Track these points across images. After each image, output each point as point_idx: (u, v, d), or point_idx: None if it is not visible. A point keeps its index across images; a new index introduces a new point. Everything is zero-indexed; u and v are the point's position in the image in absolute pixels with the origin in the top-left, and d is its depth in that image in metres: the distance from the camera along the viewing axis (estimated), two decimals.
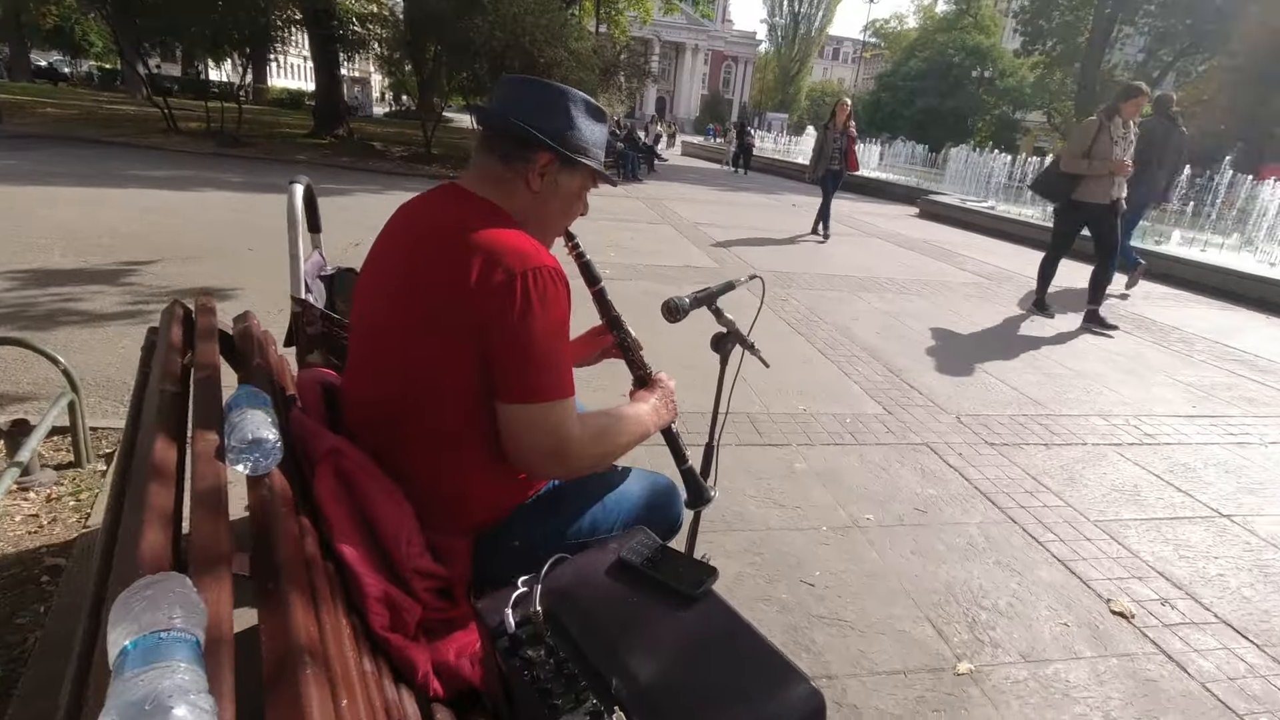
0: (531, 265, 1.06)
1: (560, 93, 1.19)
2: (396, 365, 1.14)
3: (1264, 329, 6.06)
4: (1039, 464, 3.10)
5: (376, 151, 15.41)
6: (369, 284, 1.24)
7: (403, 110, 35.94)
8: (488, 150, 1.18)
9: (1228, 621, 2.17)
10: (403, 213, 1.26)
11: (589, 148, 1.22)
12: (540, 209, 1.21)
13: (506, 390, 1.09)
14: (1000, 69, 37.96)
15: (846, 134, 8.79)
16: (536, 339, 1.06)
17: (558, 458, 1.14)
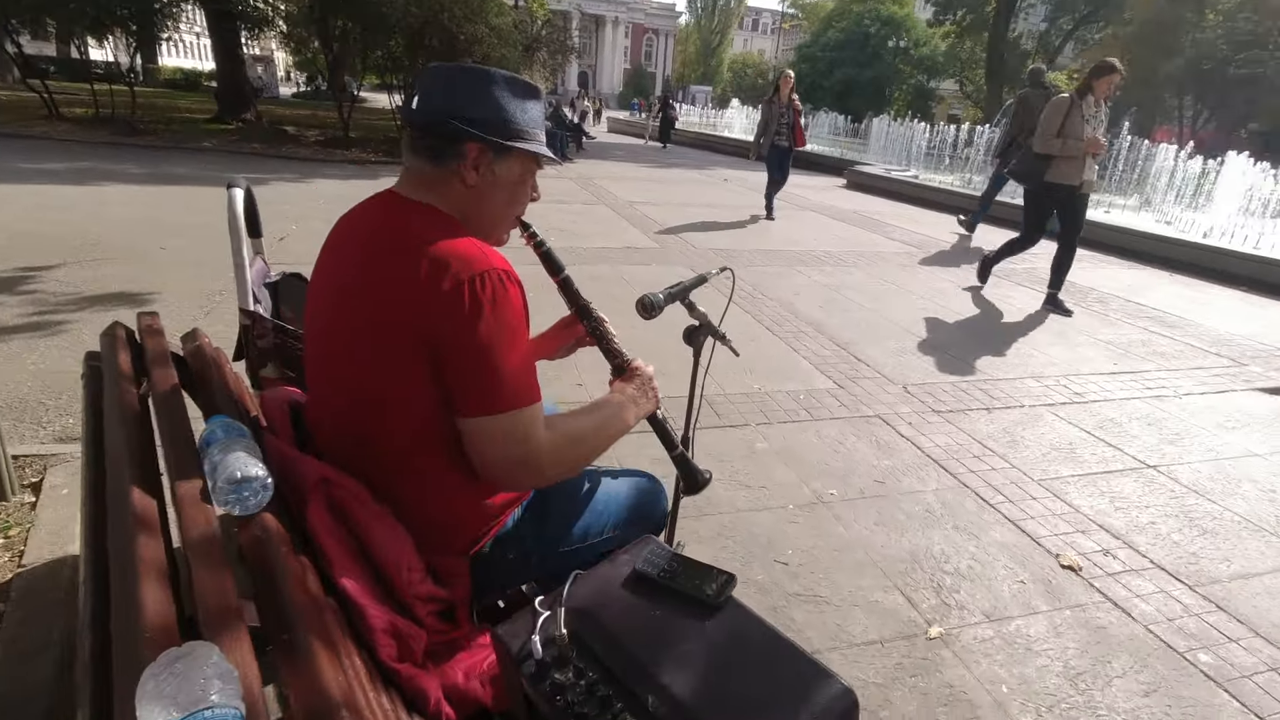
0: (478, 270, 1.00)
1: (480, 75, 1.11)
2: (355, 389, 1.09)
3: (1168, 286, 6.51)
4: (983, 429, 3.25)
5: (290, 136, 14.61)
6: (317, 305, 1.17)
7: (313, 91, 34.17)
8: (415, 151, 1.12)
9: (1162, 566, 2.35)
10: (342, 226, 1.19)
11: (523, 129, 1.13)
12: (482, 204, 1.14)
13: (465, 404, 1.04)
14: (914, 39, 38.99)
15: (792, 107, 8.28)
16: (491, 347, 1.01)
17: (528, 468, 1.09)
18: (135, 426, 1.05)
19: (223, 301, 4.28)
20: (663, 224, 7.83)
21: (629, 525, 1.46)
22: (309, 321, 1.20)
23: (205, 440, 0.99)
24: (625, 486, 1.48)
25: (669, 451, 1.54)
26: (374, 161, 12.03)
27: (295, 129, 15.89)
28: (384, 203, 1.14)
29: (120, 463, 0.96)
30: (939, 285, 5.88)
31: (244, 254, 1.70)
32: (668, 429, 1.49)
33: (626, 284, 5.24)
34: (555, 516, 1.34)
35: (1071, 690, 1.82)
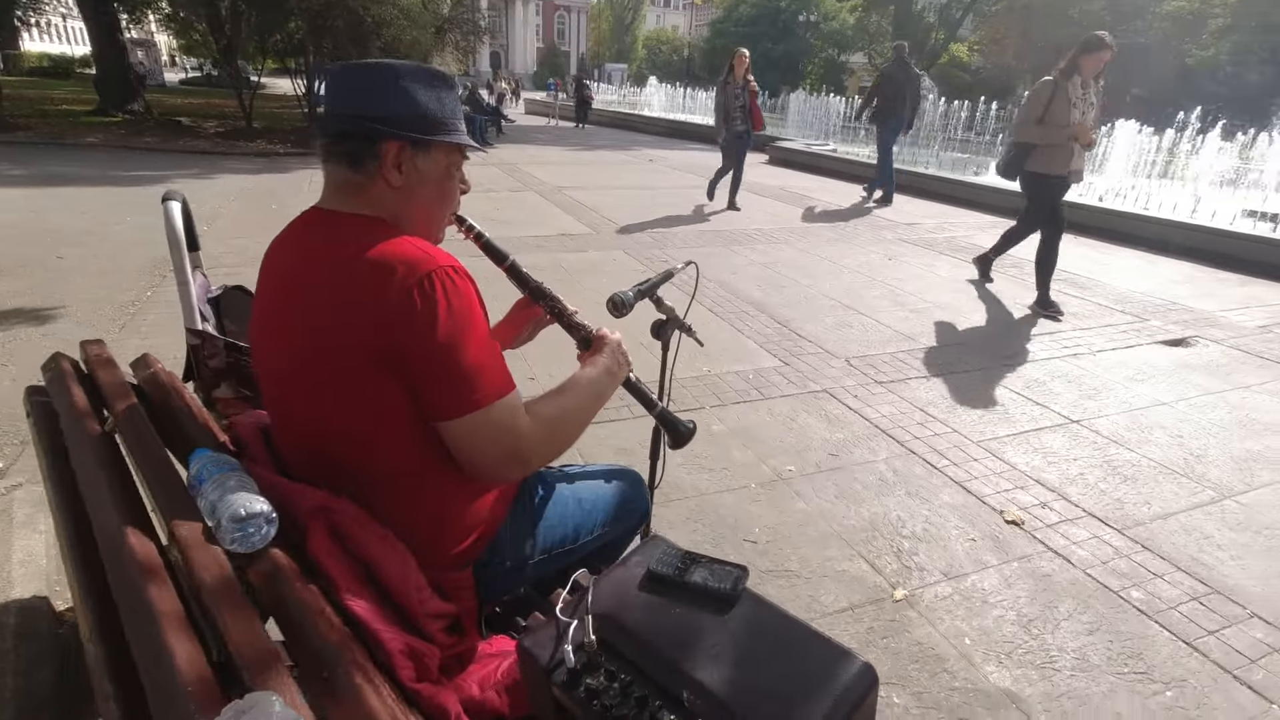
0: (424, 271, 0.98)
1: (386, 70, 1.06)
2: (321, 423, 1.06)
3: (1074, 248, 6.93)
4: (922, 396, 3.42)
5: (186, 128, 13.71)
6: (263, 335, 1.14)
7: (204, 78, 32.05)
8: (332, 159, 1.08)
9: (1093, 514, 2.55)
10: (274, 251, 1.15)
11: (440, 120, 1.09)
12: (412, 204, 1.10)
13: (440, 408, 1.02)
14: (823, 13, 39.80)
15: (747, 89, 7.58)
16: (455, 345, 0.99)
17: (519, 458, 1.10)
18: (113, 468, 0.99)
19: (139, 312, 4.03)
20: (594, 208, 7.79)
21: (615, 521, 1.48)
22: (257, 352, 1.17)
23: (196, 478, 0.95)
24: (609, 483, 1.50)
25: (650, 410, 1.54)
26: (283, 153, 11.43)
27: (191, 120, 14.92)
28: (312, 220, 1.11)
29: (105, 508, 0.91)
30: (866, 258, 6.09)
31: (187, 270, 1.61)
32: (643, 389, 1.48)
33: (565, 271, 5.21)
34: (548, 519, 1.35)
35: (1026, 636, 1.97)
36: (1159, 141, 10.65)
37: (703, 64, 47.56)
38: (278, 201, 7.33)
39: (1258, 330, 4.63)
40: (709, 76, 40.93)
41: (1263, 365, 4.01)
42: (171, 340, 3.57)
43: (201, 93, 24.31)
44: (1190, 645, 1.96)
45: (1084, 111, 4.42)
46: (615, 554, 1.56)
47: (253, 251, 5.25)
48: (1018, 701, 1.76)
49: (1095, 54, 4.37)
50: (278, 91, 20.50)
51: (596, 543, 1.44)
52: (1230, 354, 4.18)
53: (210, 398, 1.69)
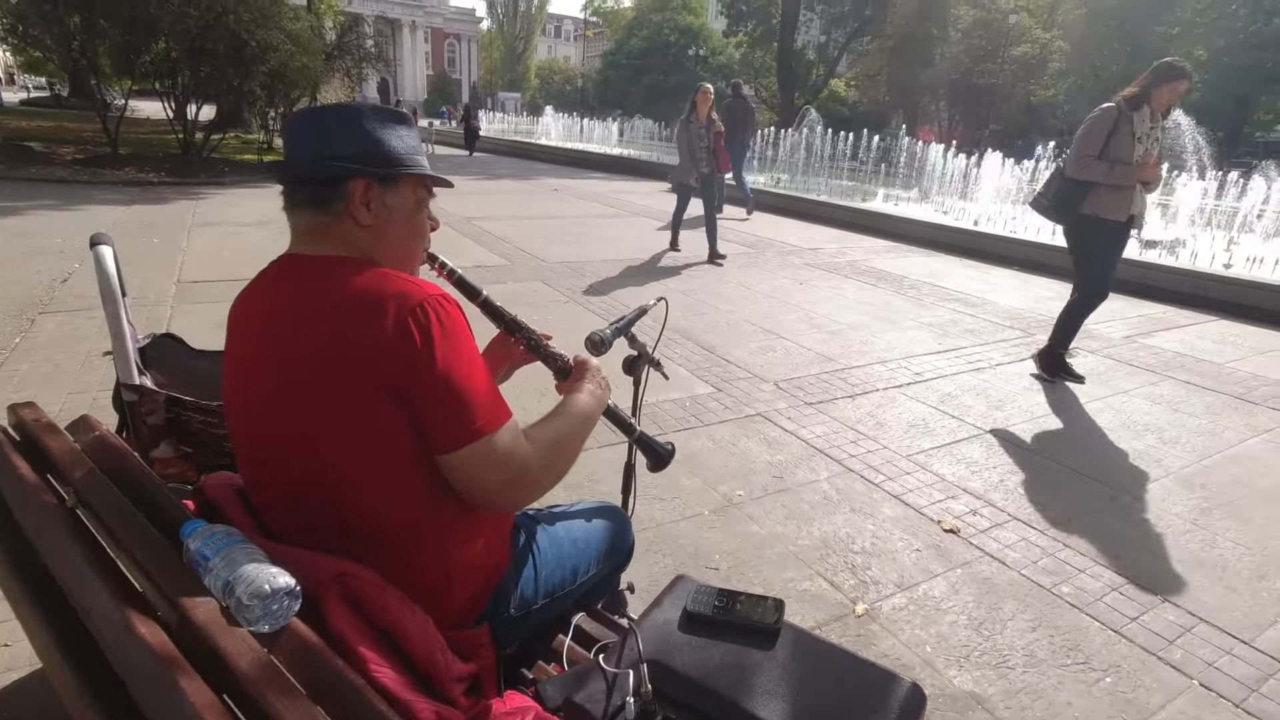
0: (415, 301, 0.97)
1: (346, 111, 1.09)
2: (319, 467, 1.01)
3: (960, 269, 7.55)
4: (850, 415, 3.59)
5: (38, 154, 12.49)
6: (242, 394, 1.08)
7: (53, 98, 29.38)
8: (298, 205, 1.07)
9: (1018, 517, 2.75)
10: (248, 302, 1.11)
11: (403, 157, 1.10)
12: (384, 241, 1.09)
13: (443, 440, 1.00)
14: (711, 47, 41.59)
15: (712, 129, 7.08)
16: (454, 374, 0.99)
17: (524, 484, 1.09)
18: (91, 549, 0.88)
19: (6, 362, 3.60)
20: (505, 238, 7.71)
21: (607, 558, 1.48)
22: (234, 411, 1.10)
23: (199, 554, 0.86)
24: (598, 521, 1.49)
25: (628, 435, 1.56)
26: (157, 182, 10.60)
27: (42, 145, 13.59)
28: (287, 268, 1.08)
29: (93, 593, 0.81)
30: (778, 283, 6.35)
31: (123, 320, 1.46)
32: (620, 414, 1.50)
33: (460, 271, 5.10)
34: (547, 561, 1.32)
35: (978, 638, 2.09)
36: (1023, 171, 11.77)
37: (596, 95, 48.47)
38: (160, 235, 6.79)
39: (1124, 340, 5.19)
40: (602, 107, 41.77)
41: (1133, 372, 4.49)
42: (54, 398, 3.21)
43: (52, 115, 22.18)
44: (1118, 633, 2.14)
45: (1148, 148, 3.80)
46: (603, 592, 1.54)
47: (134, 294, 4.82)
48: (982, 702, 1.86)
49: (1171, 83, 3.75)
50: (145, 115, 19.02)
51: (590, 582, 1.42)
52: (1106, 363, 4.65)
53: (149, 458, 1.53)
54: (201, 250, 6.27)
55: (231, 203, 9.21)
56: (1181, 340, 5.32)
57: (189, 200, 9.19)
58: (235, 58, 11.13)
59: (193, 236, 6.89)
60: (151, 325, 4.24)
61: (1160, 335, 5.42)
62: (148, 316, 4.41)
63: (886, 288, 6.42)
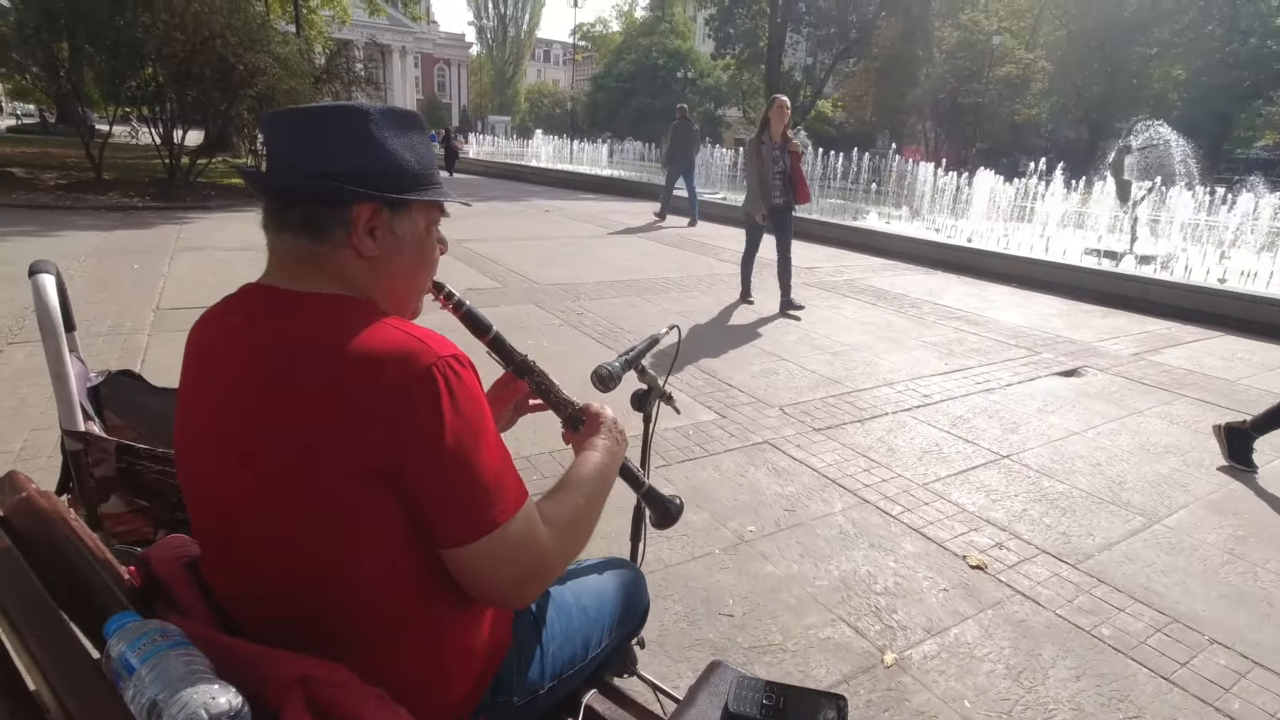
0: (423, 364, 0.79)
1: (352, 114, 0.87)
2: (290, 554, 0.83)
3: (958, 287, 7.45)
4: (860, 440, 3.43)
5: (20, 180, 12.26)
6: (198, 450, 0.89)
7: (40, 124, 29.19)
8: (283, 227, 0.87)
9: (1046, 550, 2.58)
10: (204, 337, 0.93)
11: (419, 172, 0.91)
12: (386, 275, 0.91)
13: (449, 533, 0.83)
14: (699, 70, 42.00)
15: (788, 150, 5.64)
16: (465, 454, 0.81)
17: (536, 577, 0.92)
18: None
19: None
20: (497, 260, 7.56)
21: (621, 625, 1.29)
22: (189, 469, 0.92)
23: (121, 662, 0.68)
24: (609, 582, 1.31)
25: (637, 490, 1.38)
26: (141, 207, 10.43)
27: (25, 171, 13.37)
28: (260, 303, 0.88)
29: None
30: (775, 304, 6.21)
31: (64, 359, 1.29)
32: (631, 468, 1.32)
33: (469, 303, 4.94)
34: (555, 636, 1.14)
35: (1020, 690, 1.91)
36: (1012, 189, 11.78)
37: (585, 117, 48.79)
38: (141, 261, 6.60)
39: (1132, 358, 5.07)
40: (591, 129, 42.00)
41: (1146, 390, 4.36)
42: (16, 434, 3.02)
43: (37, 141, 21.99)
44: (1168, 680, 1.97)
45: None
46: (614, 660, 1.36)
47: (111, 321, 4.63)
48: None
49: None
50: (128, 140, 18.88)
51: (603, 654, 1.24)
52: (1117, 381, 4.52)
53: (96, 514, 1.35)
54: (183, 276, 6.08)
55: (217, 227, 9.04)
56: (1189, 357, 5.21)
57: (173, 225, 9.00)
58: (222, 82, 11.01)
59: (175, 262, 6.70)
60: (128, 355, 4.04)
61: (1167, 352, 5.31)
62: (123, 346, 4.21)
63: (886, 306, 6.30)
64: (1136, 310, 6.62)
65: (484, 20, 64.93)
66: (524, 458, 2.99)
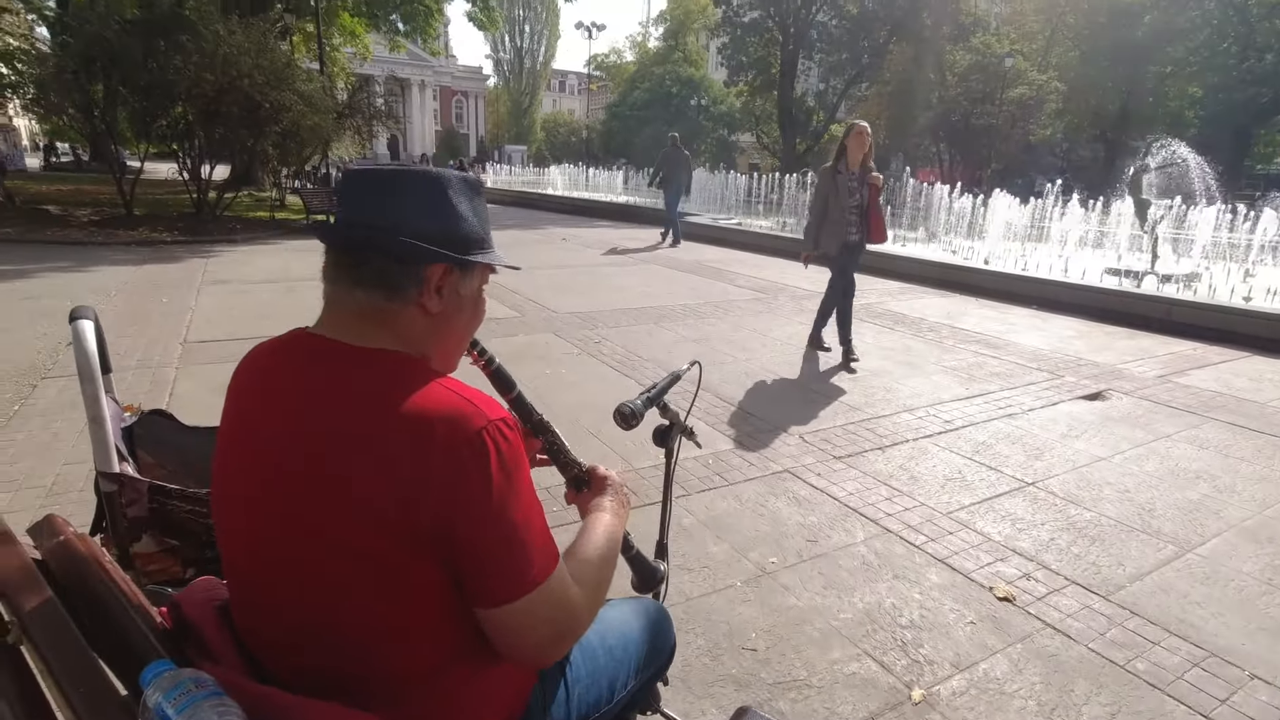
0: (474, 428, 0.82)
1: (433, 179, 0.92)
2: (329, 607, 0.85)
3: (977, 310, 7.40)
4: (882, 468, 3.40)
5: (55, 217, 12.67)
6: (240, 498, 0.91)
7: (74, 162, 30.15)
8: (355, 282, 0.90)
9: (1075, 581, 2.53)
10: (258, 376, 0.95)
11: (483, 236, 0.97)
12: (445, 332, 0.95)
13: (491, 592, 0.84)
14: (712, 97, 42.55)
15: (867, 182, 4.91)
16: (508, 515, 0.84)
17: (568, 637, 0.94)
18: (29, 700, 0.72)
19: (6, 427, 3.47)
20: (515, 290, 7.63)
21: (647, 666, 1.29)
22: (227, 515, 0.94)
23: (158, 712, 0.70)
24: (635, 621, 1.31)
25: (624, 554, 1.38)
26: (170, 241, 10.69)
27: (60, 208, 13.82)
28: (316, 354, 0.90)
29: None
30: (794, 329, 6.21)
31: (101, 403, 1.32)
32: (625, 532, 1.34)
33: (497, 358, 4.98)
34: (580, 679, 1.14)
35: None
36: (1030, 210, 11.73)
37: (600, 145, 49.49)
38: (169, 294, 6.75)
39: (1158, 380, 4.99)
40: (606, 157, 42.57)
41: (1173, 414, 4.29)
42: (49, 468, 3.08)
43: (71, 178, 22.72)
44: (1208, 718, 1.91)
45: None
46: (640, 701, 1.35)
47: (140, 355, 4.74)
48: None
49: None
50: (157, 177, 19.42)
51: (629, 696, 1.24)
52: (1142, 405, 4.45)
53: (128, 554, 1.38)
54: (210, 309, 6.21)
55: (243, 260, 9.23)
56: (1217, 378, 5.12)
57: (200, 259, 9.22)
58: (249, 119, 11.33)
59: (202, 295, 6.85)
60: (156, 389, 4.12)
61: (1194, 374, 5.22)
62: (152, 379, 4.30)
63: (905, 331, 6.27)
64: (1160, 331, 6.53)
65: (501, 53, 66.34)
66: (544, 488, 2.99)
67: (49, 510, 2.66)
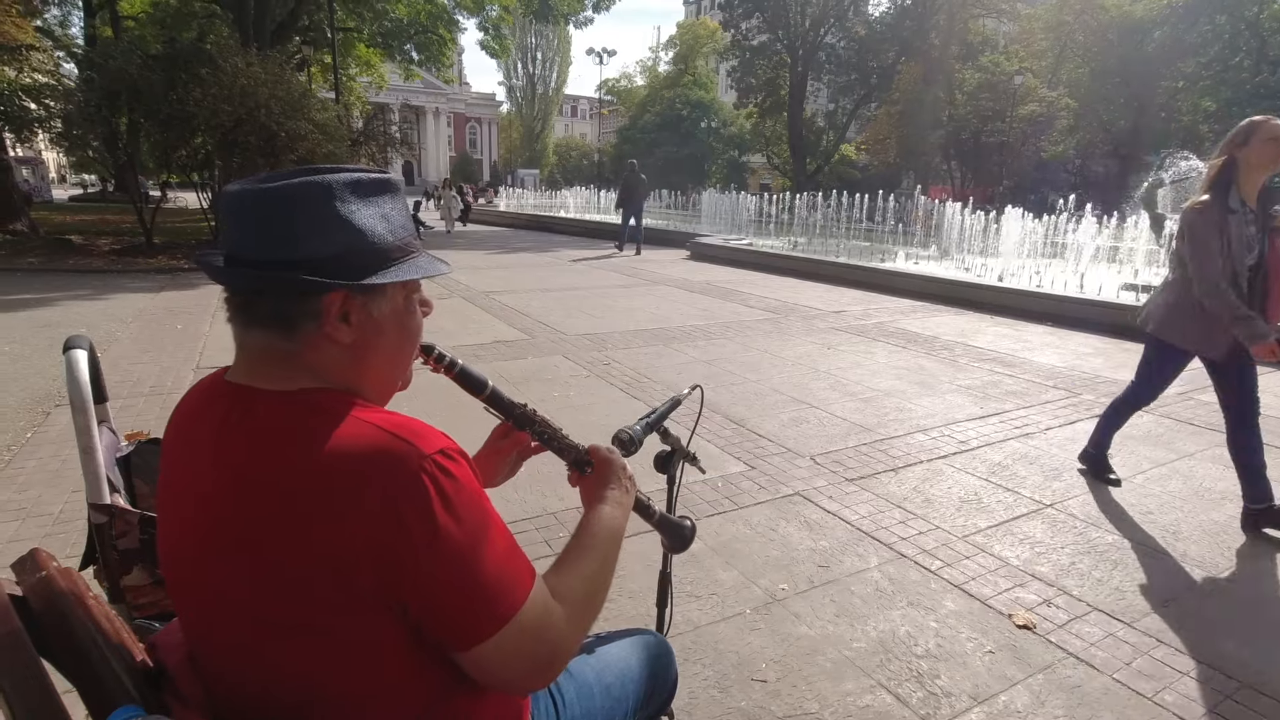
0: (409, 471, 0.73)
1: (311, 190, 0.78)
2: (286, 680, 0.79)
3: (991, 327, 7.31)
4: (895, 491, 3.33)
5: (77, 247, 12.91)
6: (176, 551, 0.86)
7: (98, 193, 30.89)
8: (250, 323, 0.81)
9: (1097, 607, 2.44)
10: (183, 428, 0.88)
11: (392, 246, 0.84)
12: (370, 360, 0.85)
13: (458, 639, 0.79)
14: (722, 119, 42.93)
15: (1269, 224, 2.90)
16: (466, 556, 0.76)
17: (552, 664, 0.87)
18: None
19: (15, 459, 3.50)
20: (525, 312, 7.66)
21: (647, 703, 1.24)
22: (172, 569, 0.88)
23: None
24: (634, 657, 1.26)
25: (650, 519, 1.32)
26: (188, 269, 10.85)
27: (82, 238, 14.10)
28: (231, 405, 0.81)
29: None
30: (805, 349, 6.16)
31: (93, 434, 1.31)
32: (642, 499, 1.26)
33: (506, 381, 4.97)
34: (572, 716, 1.09)
35: None
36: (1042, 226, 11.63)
37: (612, 168, 49.98)
38: (183, 321, 6.83)
39: (1179, 398, 4.87)
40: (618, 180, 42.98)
41: (1196, 432, 4.18)
42: (57, 495, 3.09)
43: (95, 209, 23.26)
44: None
45: None
46: None
47: (152, 382, 4.77)
48: None
49: None
50: (179, 206, 19.84)
51: None
52: (1164, 423, 4.34)
53: (119, 587, 1.35)
54: (223, 335, 6.21)
55: None
56: None
57: (216, 285, 9.33)
58: (266, 148, 11.53)
59: (216, 320, 6.91)
60: (166, 415, 4.10)
61: None
62: (163, 405, 4.32)
63: (917, 350, 6.19)
64: None
65: (513, 80, 67.52)
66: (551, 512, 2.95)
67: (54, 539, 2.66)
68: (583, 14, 27.22)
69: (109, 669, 0.85)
